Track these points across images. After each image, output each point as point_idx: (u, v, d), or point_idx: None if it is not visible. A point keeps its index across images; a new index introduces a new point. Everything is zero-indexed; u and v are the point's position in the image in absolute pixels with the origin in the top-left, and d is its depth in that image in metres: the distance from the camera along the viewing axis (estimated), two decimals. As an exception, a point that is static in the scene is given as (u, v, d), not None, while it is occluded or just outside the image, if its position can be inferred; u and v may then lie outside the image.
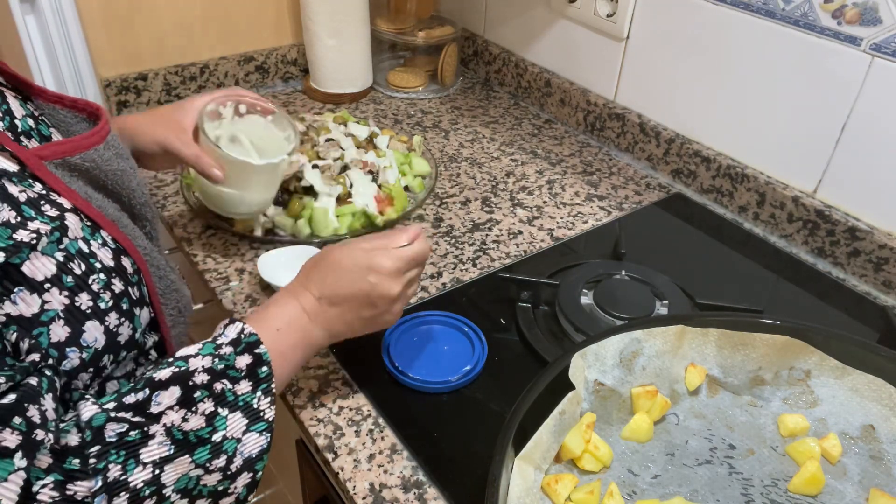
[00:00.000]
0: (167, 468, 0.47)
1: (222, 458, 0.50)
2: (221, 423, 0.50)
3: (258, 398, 0.53)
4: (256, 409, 0.52)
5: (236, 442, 0.51)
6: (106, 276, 0.51)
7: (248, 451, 0.51)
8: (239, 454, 0.51)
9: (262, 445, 0.52)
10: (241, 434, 0.51)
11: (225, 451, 0.50)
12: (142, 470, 0.46)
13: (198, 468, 0.49)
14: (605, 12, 1.11)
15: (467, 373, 0.72)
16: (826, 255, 0.93)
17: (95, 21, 1.12)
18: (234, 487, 0.51)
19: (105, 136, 0.57)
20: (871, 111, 0.84)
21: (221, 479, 0.50)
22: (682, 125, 1.07)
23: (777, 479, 0.61)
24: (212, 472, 0.50)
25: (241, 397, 0.52)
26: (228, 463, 0.50)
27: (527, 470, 0.56)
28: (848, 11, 0.83)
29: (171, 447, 0.47)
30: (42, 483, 0.42)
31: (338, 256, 0.62)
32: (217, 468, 0.50)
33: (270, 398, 0.54)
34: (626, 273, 0.84)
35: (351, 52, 1.25)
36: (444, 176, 1.09)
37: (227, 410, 0.51)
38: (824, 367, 0.65)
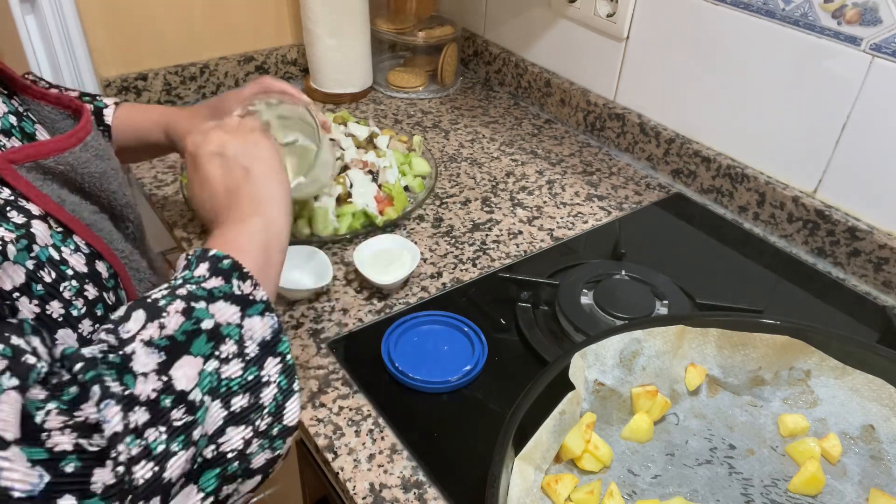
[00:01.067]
0: (173, 373, 0.43)
1: (229, 342, 0.46)
2: (203, 313, 0.46)
3: (236, 286, 0.49)
4: (242, 295, 0.48)
5: (237, 327, 0.47)
6: (78, 283, 0.50)
7: (259, 335, 0.48)
8: (248, 339, 0.47)
9: (273, 326, 0.49)
10: (239, 320, 0.47)
11: (228, 336, 0.46)
12: (144, 380, 0.42)
13: (209, 360, 0.45)
14: (605, 12, 1.11)
15: (467, 373, 0.72)
16: (826, 255, 0.93)
17: (95, 21, 1.12)
18: (266, 375, 0.47)
19: (83, 137, 0.56)
20: (871, 111, 0.84)
21: (245, 366, 0.46)
22: (682, 125, 1.07)
23: (777, 479, 0.61)
24: (227, 360, 0.46)
25: (216, 289, 0.48)
26: (241, 348, 0.46)
27: (527, 470, 0.56)
28: (848, 11, 0.83)
29: (161, 353, 0.43)
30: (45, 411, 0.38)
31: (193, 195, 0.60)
32: (231, 354, 0.46)
33: (250, 281, 0.49)
34: (626, 273, 0.84)
35: (351, 52, 1.25)
36: (444, 176, 1.09)
37: (203, 303, 0.46)
38: (824, 367, 0.65)
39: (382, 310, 0.82)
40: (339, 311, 0.82)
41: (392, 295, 0.84)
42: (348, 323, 0.80)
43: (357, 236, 0.93)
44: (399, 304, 0.83)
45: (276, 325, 0.49)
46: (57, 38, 1.09)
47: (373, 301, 0.83)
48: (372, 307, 0.82)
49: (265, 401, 0.47)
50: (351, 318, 0.81)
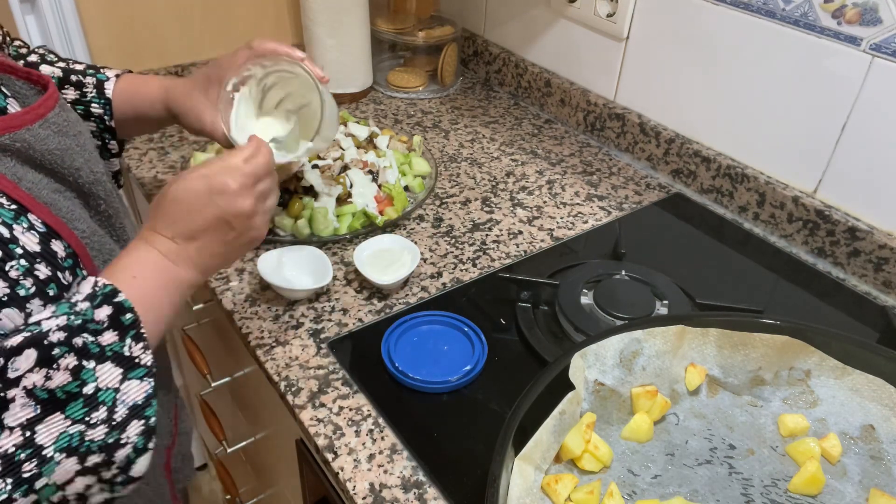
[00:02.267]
0: (39, 429, 0.45)
1: (101, 409, 0.48)
2: (89, 376, 0.48)
3: (128, 346, 0.50)
4: (129, 357, 0.50)
5: (113, 392, 0.49)
6: (28, 262, 0.50)
7: (132, 399, 0.50)
8: (121, 403, 0.49)
9: (147, 391, 0.50)
10: (118, 384, 0.49)
11: (102, 402, 0.48)
12: (9, 434, 0.44)
13: (77, 424, 0.47)
14: (605, 12, 1.11)
15: (467, 373, 0.72)
16: (826, 255, 0.93)
17: (95, 21, 1.12)
18: (126, 437, 0.49)
19: (44, 113, 0.55)
20: (871, 111, 0.84)
21: (108, 430, 0.48)
22: (682, 125, 1.07)
23: (777, 479, 0.61)
24: (94, 425, 0.48)
25: (109, 347, 0.49)
26: (110, 414, 0.48)
27: (527, 470, 0.56)
28: (848, 11, 0.83)
29: (37, 407, 0.45)
30: None
31: (176, 190, 0.58)
32: (99, 420, 0.48)
33: (143, 343, 0.51)
34: (626, 273, 0.84)
35: (351, 52, 1.25)
36: (444, 176, 1.09)
37: (93, 362, 0.48)
38: (824, 367, 0.65)
39: (382, 310, 0.82)
40: (339, 311, 0.82)
41: (392, 295, 0.84)
42: (348, 323, 0.80)
43: (357, 236, 0.93)
44: (399, 304, 0.83)
45: (149, 391, 0.51)
46: (57, 38, 1.09)
47: (373, 301, 0.83)
48: (372, 307, 0.82)
49: (117, 458, 0.49)
50: (351, 318, 0.81)
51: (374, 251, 0.87)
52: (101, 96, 0.78)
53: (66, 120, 0.58)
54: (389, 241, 0.88)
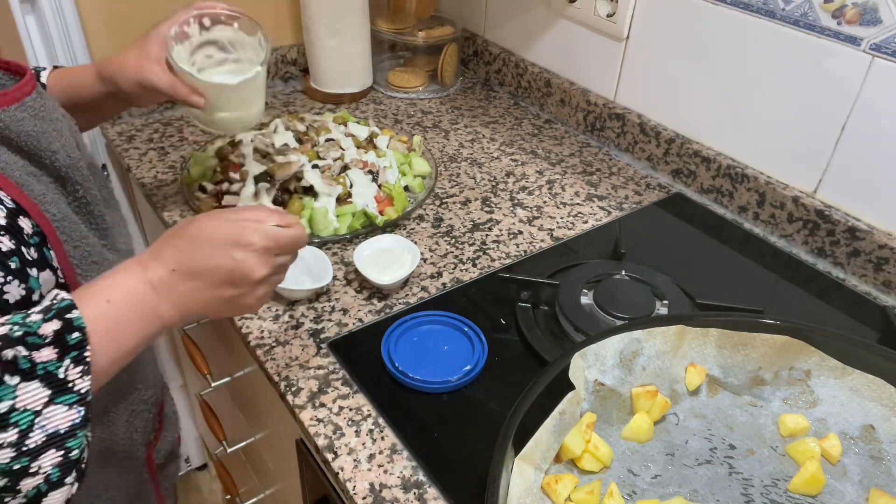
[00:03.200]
0: None
1: (11, 431, 0.44)
2: (7, 392, 0.44)
3: (65, 367, 0.47)
4: (63, 380, 0.46)
5: (32, 415, 0.45)
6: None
7: (53, 425, 0.46)
8: (39, 428, 0.45)
9: (74, 420, 0.47)
10: (41, 406, 0.46)
11: (15, 424, 0.45)
12: None
13: None
14: (605, 12, 1.11)
15: (467, 373, 0.72)
16: (826, 255, 0.93)
17: (95, 21, 1.12)
18: (37, 466, 0.46)
19: (21, 97, 0.55)
20: (871, 111, 0.84)
21: (16, 455, 0.45)
22: (682, 125, 1.07)
23: (777, 479, 0.61)
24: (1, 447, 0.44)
25: (41, 365, 0.46)
26: (22, 438, 0.45)
27: (527, 470, 0.56)
28: (848, 11, 0.83)
29: None
30: None
31: (200, 225, 0.56)
32: (7, 443, 0.44)
33: (83, 367, 0.47)
34: (626, 273, 0.84)
35: (351, 52, 1.25)
36: (444, 176, 1.09)
37: (17, 379, 0.45)
38: (824, 367, 0.65)
39: (382, 310, 0.82)
40: (339, 311, 0.82)
41: (392, 295, 0.84)
42: (348, 323, 0.80)
43: (357, 236, 0.93)
44: (399, 304, 0.83)
45: (77, 420, 0.47)
46: (57, 38, 1.09)
47: (373, 301, 0.83)
48: (372, 307, 0.82)
49: (24, 488, 0.46)
50: (351, 318, 0.81)
51: (374, 251, 0.87)
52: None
53: (44, 106, 0.59)
54: (389, 241, 0.88)
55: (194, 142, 1.13)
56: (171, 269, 0.54)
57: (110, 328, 0.51)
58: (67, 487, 0.48)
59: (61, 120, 0.61)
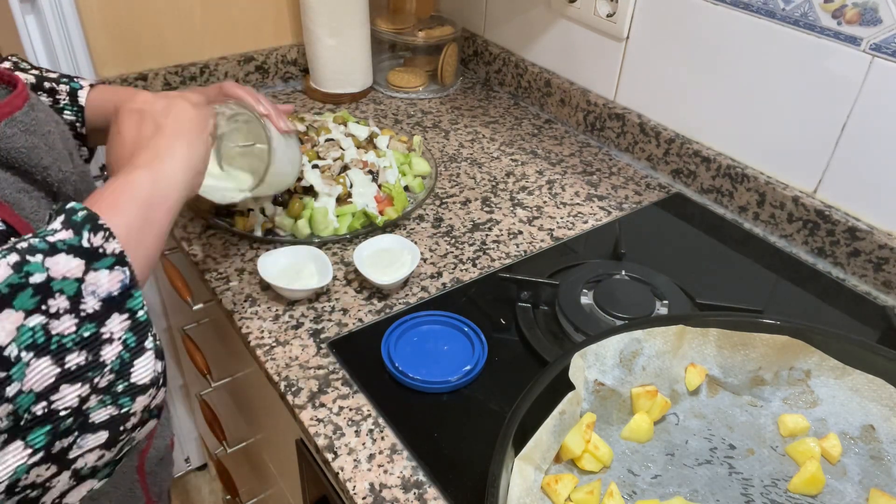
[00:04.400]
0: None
1: (60, 298, 0.43)
2: (36, 267, 0.43)
3: (86, 238, 0.46)
4: (90, 248, 0.45)
5: (76, 282, 0.44)
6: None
7: (104, 290, 0.45)
8: (90, 294, 0.44)
9: (123, 281, 0.46)
10: (81, 274, 0.44)
11: (60, 291, 0.43)
12: None
13: (33, 315, 0.42)
14: (605, 12, 1.11)
15: (467, 373, 0.72)
16: (826, 255, 0.93)
17: (95, 21, 1.12)
18: (108, 332, 0.45)
19: (10, 112, 0.54)
20: (871, 111, 0.84)
21: (79, 322, 0.44)
22: (682, 125, 1.08)
23: (777, 479, 0.61)
24: (57, 315, 0.43)
25: (60, 242, 0.45)
26: (75, 304, 0.44)
27: (527, 470, 0.56)
28: (848, 11, 0.83)
29: None
30: None
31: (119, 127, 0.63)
32: (62, 309, 0.43)
33: (103, 233, 0.46)
34: (626, 273, 0.84)
35: (351, 52, 1.25)
36: (444, 176, 1.09)
37: (40, 256, 0.43)
38: (824, 367, 0.65)
39: (382, 310, 0.82)
40: (339, 311, 0.82)
41: (392, 295, 0.84)
42: (348, 323, 0.80)
43: (357, 236, 0.93)
44: (399, 304, 0.83)
45: (126, 280, 0.46)
46: (57, 38, 1.09)
47: (373, 301, 0.83)
48: (372, 307, 0.82)
49: (107, 358, 0.45)
50: (351, 318, 0.81)
51: (374, 251, 0.87)
52: (74, 104, 0.78)
53: (35, 119, 0.57)
54: (389, 241, 0.88)
55: (194, 142, 1.13)
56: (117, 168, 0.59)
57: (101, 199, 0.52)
58: (149, 354, 0.47)
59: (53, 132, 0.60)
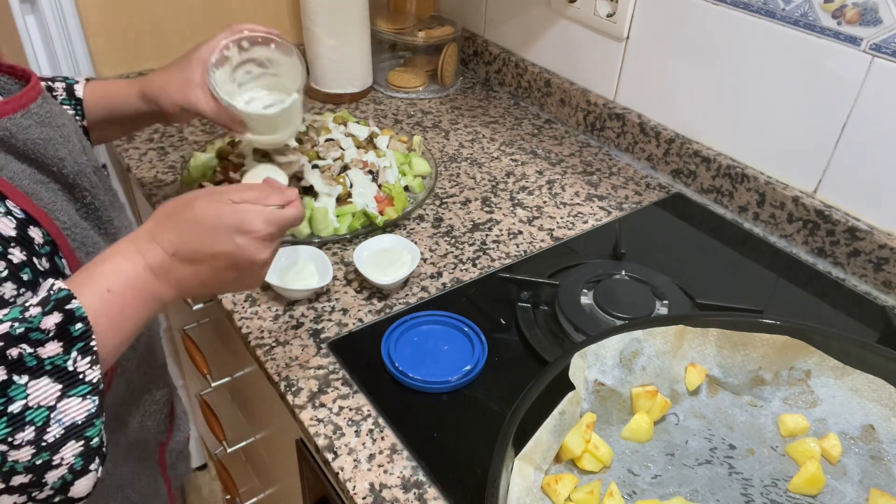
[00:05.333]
0: None
1: (28, 430, 0.44)
2: (18, 392, 0.44)
3: (73, 359, 0.47)
4: (72, 372, 0.46)
5: (47, 410, 0.45)
6: (2, 246, 0.49)
7: (70, 418, 0.46)
8: (56, 422, 0.46)
9: (90, 410, 0.47)
10: (55, 401, 0.46)
11: (31, 423, 0.45)
12: None
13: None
14: (605, 12, 1.11)
15: (467, 373, 0.72)
16: (826, 255, 0.93)
17: (95, 21, 1.12)
18: (59, 458, 0.46)
19: (26, 103, 0.55)
20: (871, 111, 0.84)
21: (36, 452, 0.45)
22: (682, 125, 1.07)
23: (777, 479, 0.61)
24: (19, 446, 0.44)
25: (49, 361, 0.46)
26: (40, 434, 0.45)
27: (527, 470, 0.56)
28: (848, 11, 0.83)
29: None
30: None
31: (201, 211, 0.55)
32: (25, 441, 0.44)
33: (90, 357, 0.47)
34: (626, 273, 0.84)
35: (351, 52, 1.25)
36: (444, 176, 1.09)
37: (26, 377, 0.45)
38: (824, 367, 0.65)
39: (382, 310, 0.82)
40: (339, 311, 0.82)
41: (392, 295, 0.84)
42: (348, 323, 0.80)
43: (357, 236, 0.93)
44: (399, 304, 0.83)
45: (93, 410, 0.48)
46: (57, 38, 1.09)
47: (373, 301, 0.83)
48: (372, 307, 0.82)
49: (49, 479, 0.46)
50: (351, 318, 0.81)
51: (374, 251, 0.87)
52: (72, 97, 0.78)
53: (50, 112, 0.58)
54: (389, 241, 0.88)
55: (194, 142, 1.13)
56: (171, 253, 0.53)
57: (112, 316, 0.50)
58: (92, 475, 0.48)
59: (67, 125, 0.61)
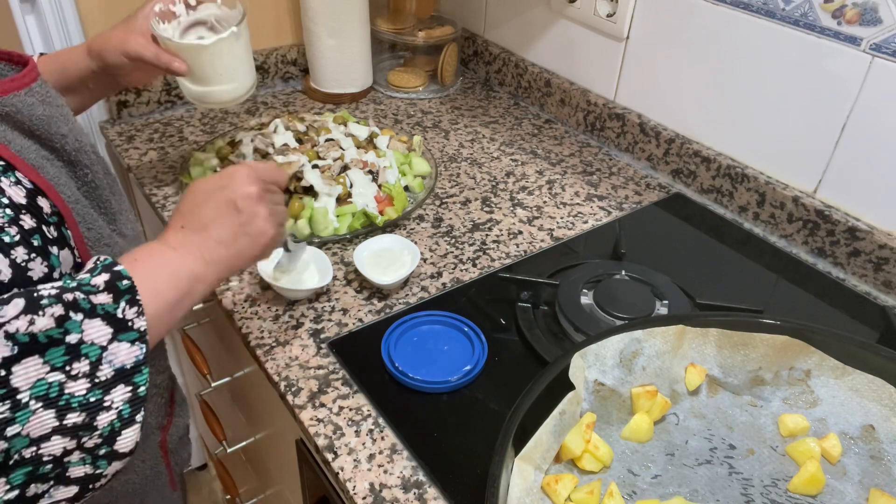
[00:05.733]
0: (15, 369, 0.44)
1: (83, 361, 0.46)
2: (74, 326, 0.46)
3: (122, 308, 0.49)
4: (122, 319, 0.49)
5: (100, 349, 0.47)
6: (13, 212, 0.50)
7: (120, 361, 0.48)
8: (107, 363, 0.47)
9: (137, 356, 0.49)
10: (106, 342, 0.48)
11: (85, 356, 0.47)
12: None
13: (55, 371, 0.45)
14: (605, 12, 1.11)
15: (467, 373, 0.72)
16: (826, 255, 0.93)
17: (95, 21, 1.12)
18: (110, 400, 0.47)
19: (28, 83, 0.57)
20: (871, 111, 0.84)
21: (90, 387, 0.47)
22: (682, 125, 1.07)
23: (777, 479, 0.61)
24: (75, 377, 0.46)
25: (101, 306, 0.48)
26: (94, 369, 0.47)
27: (527, 470, 0.56)
28: (848, 11, 0.83)
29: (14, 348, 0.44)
30: None
31: (195, 186, 0.63)
32: (81, 373, 0.46)
33: (137, 308, 0.50)
34: (626, 273, 0.84)
35: (351, 52, 1.25)
36: (444, 176, 1.09)
37: (81, 315, 0.47)
38: (824, 367, 0.65)
39: (382, 310, 0.82)
40: (339, 311, 0.82)
41: (392, 295, 0.84)
42: (348, 323, 0.80)
43: (357, 236, 0.93)
44: (399, 304, 0.83)
45: (140, 357, 0.49)
46: (57, 38, 1.09)
47: (373, 301, 0.83)
48: (372, 307, 0.82)
49: (100, 424, 0.47)
50: (351, 318, 0.81)
51: (374, 251, 0.87)
52: None
53: (49, 92, 0.60)
54: (389, 241, 0.88)
55: (194, 142, 1.13)
56: (181, 226, 0.60)
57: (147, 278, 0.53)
58: (136, 427, 0.49)
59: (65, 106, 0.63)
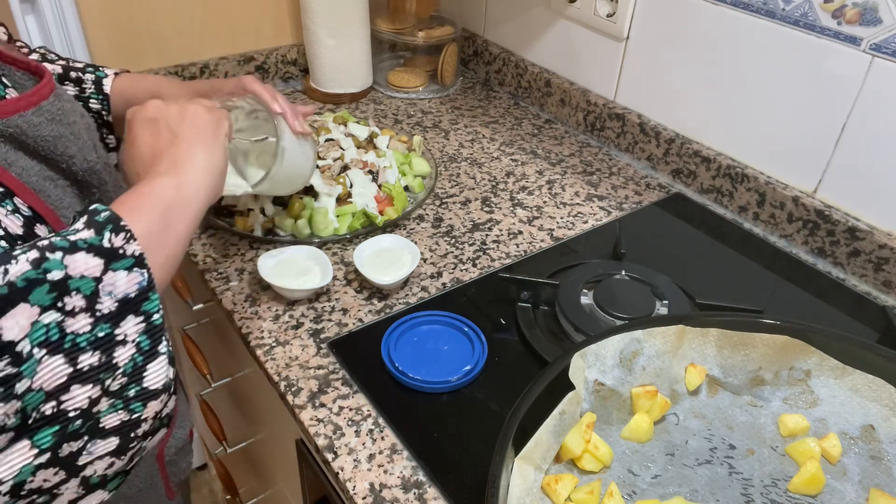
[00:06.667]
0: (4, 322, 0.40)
1: (76, 296, 0.43)
2: (54, 265, 0.43)
3: (107, 238, 0.46)
4: (110, 248, 0.46)
5: (93, 281, 0.44)
6: (8, 244, 0.48)
7: (121, 291, 0.45)
8: (107, 295, 0.45)
9: (140, 283, 0.46)
10: (99, 273, 0.45)
11: (77, 290, 0.43)
12: None
13: (48, 311, 0.42)
14: (605, 12, 1.11)
15: (467, 373, 0.72)
16: (826, 255, 0.93)
17: (95, 21, 1.12)
18: (122, 334, 0.45)
19: (38, 101, 0.55)
20: (871, 111, 0.84)
21: (94, 321, 0.44)
22: (682, 125, 1.08)
23: (777, 479, 0.61)
24: (72, 313, 0.43)
25: (81, 240, 0.45)
26: (91, 303, 0.44)
27: (527, 470, 0.56)
28: (848, 11, 0.83)
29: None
30: None
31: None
32: (78, 308, 0.43)
33: (124, 234, 0.47)
34: (626, 273, 0.84)
35: (351, 52, 1.25)
36: (444, 176, 1.09)
37: (59, 254, 0.44)
38: (824, 367, 0.65)
39: (382, 310, 0.82)
40: (339, 311, 0.82)
41: (392, 295, 0.84)
42: (348, 323, 0.80)
43: (357, 236, 0.93)
44: (399, 304, 0.83)
45: (144, 283, 0.46)
46: (57, 38, 1.09)
47: (373, 301, 0.83)
48: (372, 307, 0.82)
49: (120, 360, 0.45)
50: (351, 318, 0.81)
51: (374, 251, 0.87)
52: (100, 92, 0.79)
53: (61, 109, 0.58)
54: (389, 241, 0.88)
55: (194, 142, 1.13)
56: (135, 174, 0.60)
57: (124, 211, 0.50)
58: (163, 360, 0.47)
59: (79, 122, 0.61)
